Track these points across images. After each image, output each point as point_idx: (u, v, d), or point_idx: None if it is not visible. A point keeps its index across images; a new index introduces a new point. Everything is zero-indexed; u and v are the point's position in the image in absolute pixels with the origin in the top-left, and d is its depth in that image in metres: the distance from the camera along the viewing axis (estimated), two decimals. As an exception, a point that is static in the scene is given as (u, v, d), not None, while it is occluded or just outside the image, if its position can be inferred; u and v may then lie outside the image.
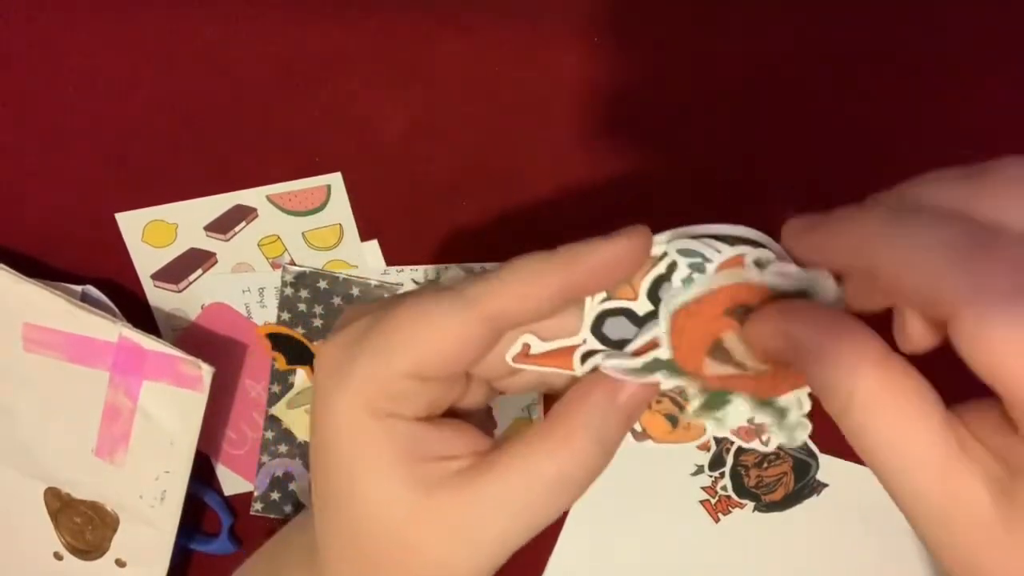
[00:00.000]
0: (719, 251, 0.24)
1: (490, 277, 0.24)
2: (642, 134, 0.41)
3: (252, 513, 0.47)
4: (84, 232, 0.43)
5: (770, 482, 0.45)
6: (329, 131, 0.41)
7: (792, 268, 0.24)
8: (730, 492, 0.45)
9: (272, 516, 0.47)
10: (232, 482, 0.47)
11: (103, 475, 0.44)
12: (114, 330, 0.41)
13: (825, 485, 0.45)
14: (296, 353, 0.44)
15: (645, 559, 0.47)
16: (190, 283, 0.44)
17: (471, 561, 0.25)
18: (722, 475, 0.45)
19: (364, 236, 0.43)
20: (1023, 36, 0.38)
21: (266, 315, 0.44)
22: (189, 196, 0.42)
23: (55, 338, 0.42)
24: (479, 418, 0.28)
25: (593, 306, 0.25)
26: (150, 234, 0.43)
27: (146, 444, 0.43)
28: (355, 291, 0.44)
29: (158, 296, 0.44)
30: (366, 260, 0.43)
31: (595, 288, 0.25)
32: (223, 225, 0.43)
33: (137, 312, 0.44)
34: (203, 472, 0.47)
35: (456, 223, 0.43)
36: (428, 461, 0.24)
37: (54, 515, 0.46)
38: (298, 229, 0.43)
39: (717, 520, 0.46)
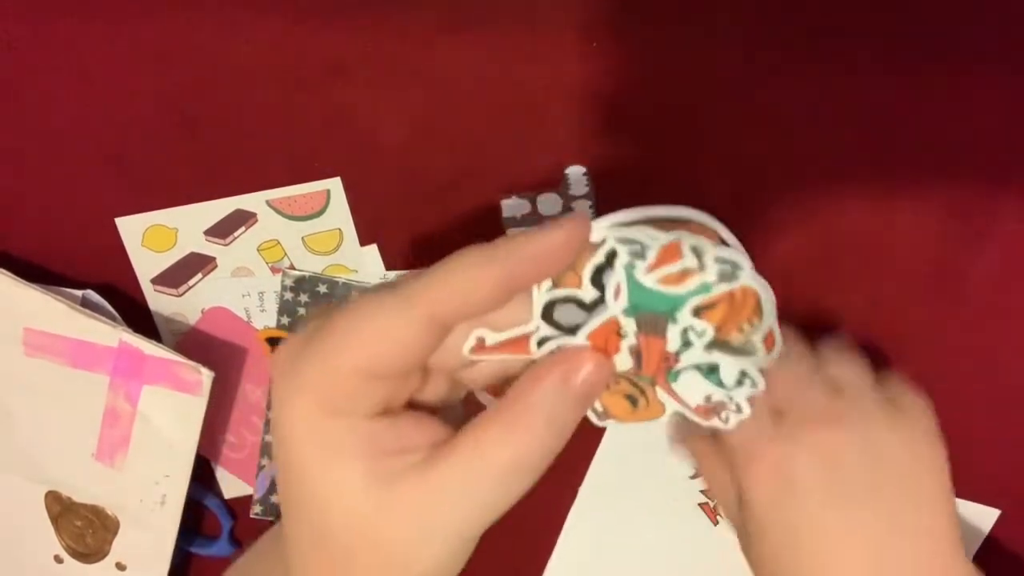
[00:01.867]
0: (655, 238, 0.24)
1: (432, 273, 0.24)
2: (641, 137, 0.41)
3: (252, 516, 0.47)
4: (84, 237, 0.43)
5: (768, 485, 0.45)
6: (328, 136, 0.41)
7: (725, 252, 0.25)
8: (728, 495, 0.45)
9: (272, 519, 0.47)
10: (232, 485, 0.47)
11: (103, 479, 0.44)
12: (114, 335, 0.41)
13: (823, 488, 0.45)
14: (296, 357, 0.44)
15: (644, 561, 0.47)
16: (190, 287, 0.44)
17: (433, 549, 0.25)
18: (720, 478, 0.45)
19: (364, 240, 0.43)
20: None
21: (266, 319, 0.44)
22: (189, 201, 0.42)
23: (55, 343, 0.42)
24: (449, 415, 0.28)
25: (541, 295, 0.25)
26: (150, 239, 0.43)
27: (146, 448, 0.43)
28: (354, 295, 0.44)
29: (158, 300, 0.44)
30: (366, 264, 0.43)
31: (536, 279, 0.25)
32: (223, 230, 0.43)
33: (137, 317, 0.44)
34: (203, 475, 0.47)
35: (455, 227, 0.43)
36: (386, 456, 0.24)
37: (55, 518, 0.46)
38: (298, 233, 0.43)
39: (716, 522, 0.46)
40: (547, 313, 0.25)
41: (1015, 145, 0.40)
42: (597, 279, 0.25)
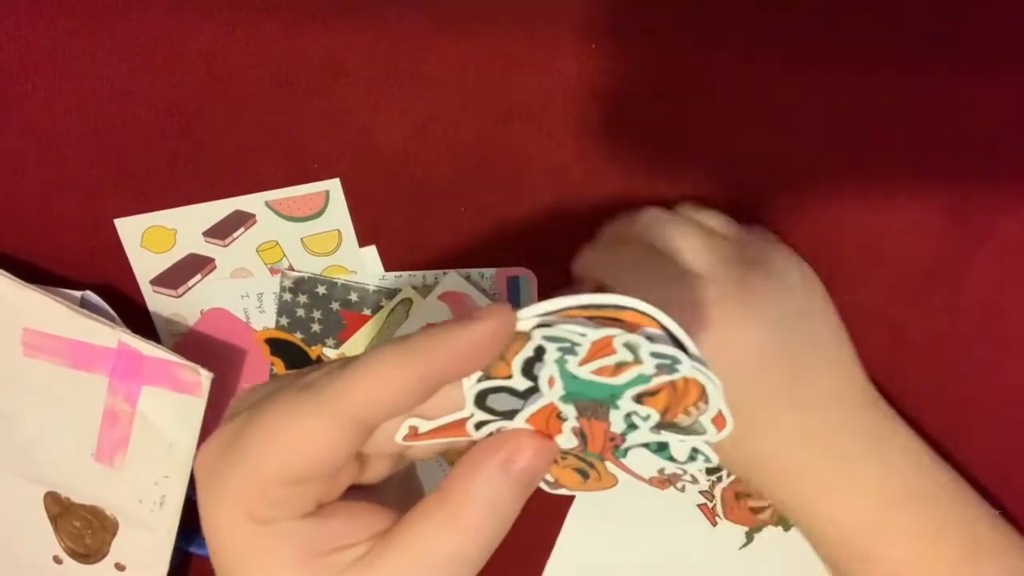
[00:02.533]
0: (584, 335, 0.23)
1: (350, 373, 0.23)
2: (640, 140, 0.41)
3: (251, 517, 0.47)
4: (83, 238, 0.43)
5: (767, 486, 0.45)
6: (327, 137, 0.41)
7: (660, 347, 0.23)
8: (728, 496, 0.45)
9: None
10: (231, 486, 0.47)
11: (102, 480, 0.44)
12: (113, 336, 0.41)
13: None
14: (295, 358, 0.44)
15: (643, 562, 0.47)
16: (189, 288, 0.44)
17: None
18: (719, 479, 0.45)
19: (362, 241, 0.43)
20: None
21: (265, 320, 0.44)
22: (188, 202, 0.42)
23: (55, 344, 0.42)
24: (397, 485, 0.27)
25: (472, 385, 0.24)
26: (149, 240, 0.43)
27: (145, 449, 0.43)
28: (353, 296, 0.44)
29: (157, 302, 0.44)
30: (364, 265, 0.43)
31: (459, 375, 0.24)
32: (222, 231, 0.43)
33: (136, 318, 0.44)
34: (202, 476, 0.47)
35: (454, 228, 0.43)
36: (322, 556, 0.24)
37: (54, 519, 0.46)
38: (297, 235, 0.43)
39: (715, 524, 0.46)
40: (481, 401, 0.24)
41: (1015, 145, 0.40)
42: (528, 371, 0.24)
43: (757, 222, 0.41)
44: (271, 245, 0.43)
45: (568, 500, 0.46)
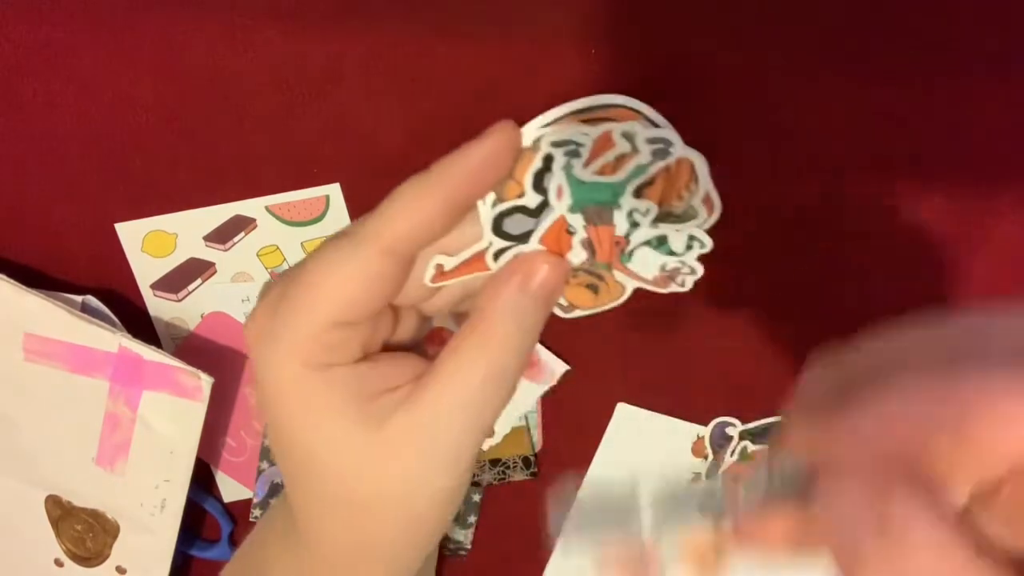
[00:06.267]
0: (587, 133, 0.25)
1: (380, 211, 0.25)
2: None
3: (251, 519, 0.47)
4: (84, 243, 0.43)
5: (766, 488, 0.45)
6: (328, 142, 0.41)
7: (655, 131, 0.25)
8: (726, 498, 0.46)
9: (272, 523, 0.47)
10: (231, 489, 0.48)
11: (104, 483, 0.44)
12: (114, 340, 0.41)
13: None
14: (295, 362, 0.45)
15: (642, 564, 0.47)
16: (190, 293, 0.44)
17: (432, 476, 0.26)
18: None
19: (363, 246, 0.43)
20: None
21: (265, 324, 0.45)
22: (189, 206, 0.43)
23: (56, 348, 0.42)
24: (419, 353, 0.30)
25: (487, 211, 0.26)
26: (150, 244, 0.43)
27: (146, 453, 0.43)
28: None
29: (158, 306, 0.45)
30: (365, 269, 0.44)
31: (477, 193, 0.25)
32: (222, 235, 0.43)
33: (137, 322, 0.44)
34: (203, 479, 0.47)
35: (454, 232, 0.43)
36: (374, 397, 0.25)
37: (55, 522, 0.46)
38: (297, 239, 0.43)
39: (713, 526, 0.46)
40: (497, 227, 0.26)
41: (1014, 149, 0.40)
42: (539, 184, 0.26)
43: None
44: (271, 249, 0.43)
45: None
